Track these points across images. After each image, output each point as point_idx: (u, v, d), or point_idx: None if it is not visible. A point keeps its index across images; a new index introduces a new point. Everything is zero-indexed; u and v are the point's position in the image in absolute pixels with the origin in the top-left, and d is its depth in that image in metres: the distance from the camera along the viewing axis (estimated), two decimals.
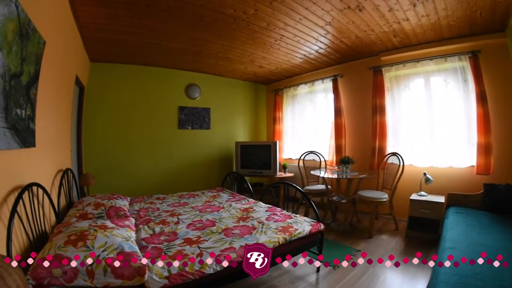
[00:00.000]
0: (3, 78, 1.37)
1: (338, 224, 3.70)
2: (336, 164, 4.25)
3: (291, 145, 5.55)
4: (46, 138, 2.11)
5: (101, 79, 4.16)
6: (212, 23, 2.96)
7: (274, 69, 4.82)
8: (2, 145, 1.36)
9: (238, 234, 2.06)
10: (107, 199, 2.58)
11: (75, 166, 3.57)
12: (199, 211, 2.74)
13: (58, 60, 2.31)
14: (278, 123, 5.67)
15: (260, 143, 4.98)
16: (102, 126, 4.18)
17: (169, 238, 2.02)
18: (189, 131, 5.06)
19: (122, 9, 2.62)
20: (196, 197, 3.44)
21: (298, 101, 5.36)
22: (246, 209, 2.79)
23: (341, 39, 3.46)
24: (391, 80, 3.92)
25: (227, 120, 5.56)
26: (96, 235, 1.61)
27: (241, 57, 4.16)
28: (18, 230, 1.47)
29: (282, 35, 3.30)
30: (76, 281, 1.31)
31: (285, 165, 5.01)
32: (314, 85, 4.93)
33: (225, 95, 5.51)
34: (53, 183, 2.27)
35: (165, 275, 1.49)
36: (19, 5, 1.40)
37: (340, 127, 4.38)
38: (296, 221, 2.36)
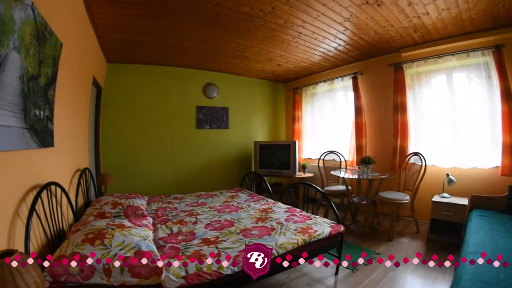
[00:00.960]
0: (21, 80, 1.44)
1: (358, 226, 3.68)
2: (357, 164, 4.25)
3: (311, 145, 5.53)
4: (64, 138, 2.21)
5: (118, 79, 4.31)
6: (228, 21, 3.00)
7: (293, 67, 4.84)
8: (21, 145, 1.44)
9: (256, 235, 2.07)
10: (125, 199, 2.66)
11: (93, 166, 3.71)
12: (217, 211, 2.78)
13: (75, 62, 2.41)
14: (297, 122, 5.66)
15: (279, 142, 5.00)
16: (120, 126, 4.33)
17: (186, 238, 2.06)
18: (207, 130, 5.13)
19: (137, 10, 2.70)
20: (214, 197, 3.49)
21: (318, 100, 5.35)
22: (265, 209, 2.80)
23: (360, 36, 3.44)
24: (412, 77, 3.87)
25: (246, 120, 5.60)
26: (113, 233, 1.66)
27: (259, 56, 4.20)
28: (36, 228, 1.54)
29: (300, 33, 3.32)
30: (93, 279, 1.36)
31: (304, 165, 5.00)
32: (334, 83, 4.92)
33: (243, 94, 5.55)
34: (71, 182, 2.38)
35: (182, 275, 1.51)
36: (35, 9, 1.46)
37: (360, 126, 4.35)
38: (315, 222, 2.35)
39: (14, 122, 1.37)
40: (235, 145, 5.44)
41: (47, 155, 1.81)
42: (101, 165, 4.05)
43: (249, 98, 5.65)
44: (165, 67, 4.69)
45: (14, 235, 1.28)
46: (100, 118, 3.96)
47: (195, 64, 4.67)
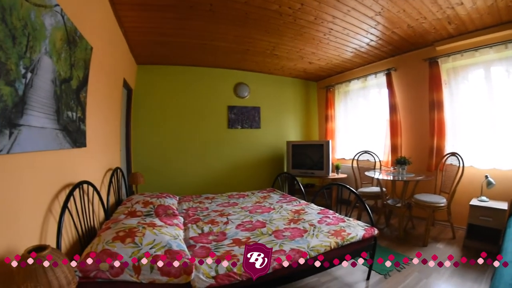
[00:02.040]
0: (53, 83, 1.55)
1: (392, 230, 3.63)
2: (392, 164, 4.20)
3: (344, 145, 5.47)
4: (96, 138, 2.35)
5: (148, 81, 4.50)
6: (257, 20, 3.05)
7: (324, 64, 4.83)
8: (54, 145, 1.55)
9: (288, 237, 2.06)
10: (156, 198, 2.76)
11: (124, 165, 3.92)
12: (249, 212, 2.81)
13: (105, 64, 2.56)
14: (330, 121, 5.62)
15: (312, 142, 5.00)
16: (150, 127, 4.52)
17: (217, 238, 2.10)
18: (239, 130, 5.21)
19: (165, 12, 2.81)
20: (246, 197, 3.53)
21: (351, 98, 5.28)
22: (297, 211, 2.79)
23: (393, 30, 3.39)
24: (448, 72, 3.74)
25: (278, 119, 5.61)
26: (144, 232, 1.72)
27: (290, 54, 4.23)
28: (68, 225, 1.65)
29: (331, 29, 3.32)
30: (122, 275, 1.42)
31: (338, 166, 4.95)
32: (367, 80, 4.84)
33: (274, 93, 5.57)
34: (102, 181, 2.52)
35: (212, 275, 1.53)
36: (65, 15, 1.57)
37: (395, 125, 4.28)
38: (349, 225, 2.32)
39: (48, 124, 1.48)
40: (267, 145, 5.47)
41: (80, 154, 1.93)
42: (132, 164, 4.26)
43: (281, 97, 5.66)
44: (195, 68, 4.82)
45: (46, 231, 1.38)
46: (131, 119, 4.17)
47: (226, 63, 4.76)
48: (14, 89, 1.12)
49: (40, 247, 1.05)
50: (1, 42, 1.00)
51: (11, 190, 1.13)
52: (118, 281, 1.41)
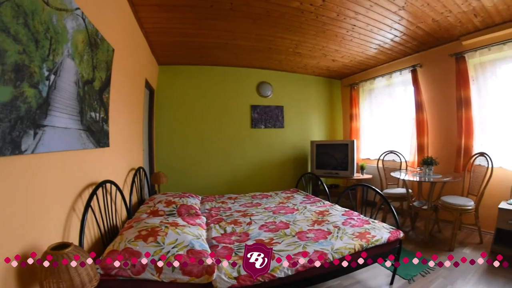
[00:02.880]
0: (77, 85, 1.62)
1: (417, 233, 3.57)
2: (418, 165, 4.13)
3: (369, 144, 5.40)
4: (119, 138, 2.44)
5: (170, 81, 4.62)
6: (279, 18, 3.08)
7: (348, 62, 4.82)
8: (78, 145, 1.62)
9: (312, 238, 2.06)
10: (179, 197, 2.83)
11: (146, 165, 4.05)
12: (272, 212, 2.81)
13: (127, 66, 2.65)
14: (355, 120, 5.57)
15: (336, 142, 4.99)
16: (173, 127, 4.63)
17: (240, 238, 2.12)
18: (262, 130, 5.23)
19: (185, 12, 2.88)
20: (269, 197, 3.54)
21: (376, 96, 5.22)
22: (321, 212, 2.77)
23: (417, 25, 3.34)
24: (476, 68, 3.63)
25: (301, 118, 5.60)
26: (167, 231, 1.76)
27: (313, 51, 4.24)
28: (91, 223, 1.72)
29: (354, 25, 3.32)
30: (143, 274, 1.46)
31: (363, 166, 4.90)
32: (392, 77, 4.79)
33: (298, 92, 5.56)
34: (125, 180, 2.61)
35: (234, 276, 1.54)
36: (86, 18, 1.63)
37: (422, 124, 4.22)
38: (374, 227, 2.29)
39: (71, 124, 1.55)
40: (291, 145, 5.46)
41: (103, 154, 2.01)
42: (155, 164, 4.39)
43: (304, 95, 5.64)
44: (217, 67, 4.90)
45: (69, 229, 1.45)
46: (153, 119, 4.31)
47: (248, 62, 4.81)
48: (37, 91, 1.18)
49: (63, 244, 1.10)
50: (24, 46, 1.06)
51: (36, 189, 1.19)
52: (139, 279, 1.44)
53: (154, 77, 4.24)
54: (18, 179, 1.08)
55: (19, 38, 1.01)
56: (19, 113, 1.05)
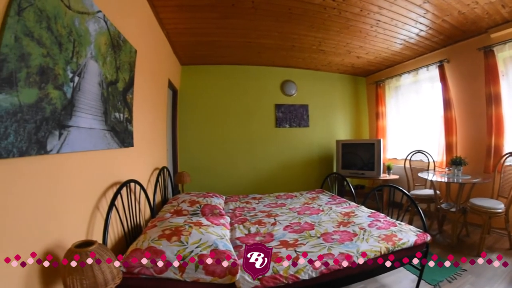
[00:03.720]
0: (100, 86, 1.69)
1: (444, 237, 3.48)
2: (446, 165, 4.04)
3: (396, 143, 5.29)
4: (143, 138, 2.52)
5: (193, 81, 4.73)
6: (301, 15, 3.09)
7: (373, 58, 4.77)
8: (103, 145, 1.69)
9: (337, 240, 2.04)
10: (202, 197, 2.87)
11: (170, 165, 4.15)
12: (297, 213, 2.80)
13: (150, 66, 2.73)
14: (381, 118, 5.46)
15: (362, 141, 5.00)
16: (196, 127, 4.73)
17: (264, 239, 2.12)
18: (286, 129, 5.24)
19: (206, 12, 2.94)
20: (294, 198, 3.53)
21: (402, 93, 5.13)
22: (347, 213, 2.74)
23: (443, 18, 3.25)
24: (505, 62, 3.51)
25: (327, 117, 5.56)
26: (191, 231, 1.79)
27: (337, 48, 4.24)
28: (114, 222, 1.78)
29: (378, 20, 3.29)
30: (166, 273, 1.48)
31: (389, 166, 4.82)
32: (418, 73, 4.70)
33: (323, 90, 5.53)
34: (149, 180, 2.69)
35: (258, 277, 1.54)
36: (108, 20, 1.70)
37: (450, 122, 4.10)
38: (400, 229, 2.23)
39: (96, 124, 1.62)
40: (316, 144, 5.44)
41: (127, 154, 2.08)
42: (179, 164, 4.50)
43: (329, 94, 5.60)
44: (240, 66, 4.96)
45: (93, 227, 1.51)
46: (177, 119, 4.42)
47: (271, 61, 4.84)
48: (62, 92, 1.24)
49: (87, 242, 1.14)
50: (48, 49, 1.11)
51: (61, 188, 1.25)
52: (162, 278, 1.47)
53: (177, 77, 4.34)
54: (44, 179, 1.13)
55: (43, 41, 1.06)
56: (44, 114, 1.10)
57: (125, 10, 2.04)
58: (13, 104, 0.91)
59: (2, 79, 0.86)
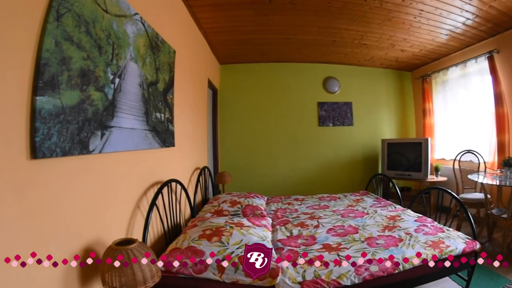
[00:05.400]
0: (141, 87, 1.77)
1: (494, 245, 3.29)
2: (498, 166, 3.82)
3: (444, 143, 5.02)
4: (184, 138, 2.60)
5: (233, 80, 4.81)
6: (341, 8, 3.05)
7: (418, 51, 4.62)
8: (144, 145, 1.77)
9: (382, 245, 1.96)
10: (244, 197, 2.89)
11: (211, 165, 4.25)
12: (341, 216, 2.74)
13: (189, 66, 2.82)
14: (428, 116, 5.19)
15: (409, 140, 4.93)
16: (237, 126, 4.81)
17: (307, 242, 2.09)
18: (330, 128, 5.16)
19: (242, 9, 2.98)
20: (337, 200, 3.48)
21: (450, 88, 4.89)
22: (392, 217, 2.64)
23: (490, 4, 3.06)
24: None
25: (371, 115, 5.40)
26: (232, 232, 1.81)
27: (379, 42, 4.17)
28: (154, 220, 1.84)
29: (421, 10, 3.18)
30: (205, 273, 1.50)
31: (437, 167, 4.61)
32: (466, 66, 4.47)
33: (366, 87, 5.38)
34: (190, 179, 2.77)
35: (299, 280, 1.52)
36: (145, 22, 1.77)
37: (502, 119, 3.86)
38: (448, 236, 2.11)
39: (137, 125, 1.69)
40: (360, 143, 5.30)
41: (169, 154, 2.17)
42: (219, 164, 4.59)
43: (373, 90, 5.42)
44: (280, 64, 4.95)
45: (133, 225, 1.57)
46: (217, 119, 4.52)
47: (312, 57, 4.80)
48: (103, 94, 1.31)
49: (127, 240, 1.19)
50: (88, 52, 1.18)
51: (103, 187, 1.32)
52: (200, 278, 1.49)
53: (216, 77, 4.44)
54: (86, 178, 1.20)
55: (82, 45, 1.13)
56: (86, 115, 1.17)
57: (162, 11, 2.12)
58: (56, 106, 0.98)
59: (44, 82, 0.92)
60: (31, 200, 0.90)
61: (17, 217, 0.84)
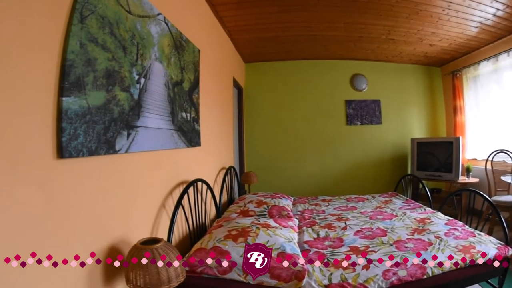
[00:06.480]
0: (166, 87, 1.79)
1: None
2: None
3: (476, 142, 4.86)
4: (210, 137, 2.63)
5: (258, 78, 4.83)
6: (367, 2, 3.03)
7: (447, 46, 4.50)
8: (170, 144, 1.79)
9: (411, 249, 1.90)
10: (270, 198, 2.87)
11: (237, 164, 4.27)
12: (369, 218, 2.69)
13: (214, 65, 2.84)
14: (459, 113, 5.01)
15: (439, 139, 4.85)
16: (263, 125, 4.82)
17: (334, 244, 2.06)
18: (358, 127, 5.07)
19: (266, 6, 2.98)
20: (365, 201, 3.42)
21: (481, 84, 4.71)
22: (422, 219, 2.56)
23: None
24: None
25: (400, 113, 5.27)
26: (258, 232, 1.79)
27: (407, 37, 4.10)
28: (180, 220, 1.86)
29: (450, 2, 3.10)
30: (230, 274, 1.49)
31: (469, 168, 4.47)
32: (498, 60, 4.29)
33: (394, 83, 5.26)
34: (215, 179, 2.79)
35: (325, 283, 1.50)
36: (168, 22, 1.79)
37: None
38: (479, 240, 2.02)
39: (163, 124, 1.72)
40: (389, 143, 5.16)
41: (195, 154, 2.19)
42: (245, 163, 4.61)
43: (402, 87, 5.28)
44: (306, 61, 4.91)
45: (158, 225, 1.60)
46: (243, 118, 4.54)
47: (339, 54, 4.75)
48: (129, 94, 1.34)
49: (152, 239, 1.21)
50: (113, 53, 1.20)
51: (128, 186, 1.35)
52: (224, 279, 1.49)
53: (241, 76, 4.47)
54: (112, 177, 1.23)
55: (107, 46, 1.15)
56: (112, 115, 1.19)
57: (185, 11, 2.14)
58: (82, 107, 1.00)
59: (70, 83, 0.95)
60: (58, 199, 0.93)
61: (44, 216, 0.87)
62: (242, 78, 4.57)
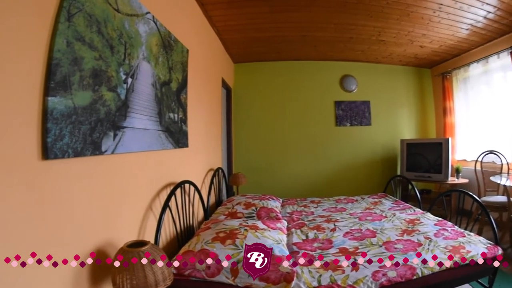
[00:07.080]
0: (154, 87, 1.78)
1: None
2: None
3: (466, 143, 4.96)
4: (198, 138, 2.61)
5: (247, 79, 4.82)
6: (358, 3, 3.05)
7: (438, 47, 4.57)
8: (157, 145, 1.78)
9: (401, 250, 1.94)
10: (259, 199, 2.88)
11: (225, 166, 4.26)
12: (358, 219, 2.72)
13: (203, 66, 2.83)
14: (449, 115, 5.12)
15: (429, 140, 4.92)
16: (252, 126, 4.81)
17: (323, 245, 2.07)
18: (347, 128, 5.11)
19: (257, 6, 2.98)
20: (355, 202, 3.46)
21: (471, 85, 4.83)
22: (411, 220, 2.60)
23: None
24: None
25: (390, 114, 5.33)
26: (246, 234, 1.80)
27: (398, 38, 4.15)
28: (167, 223, 1.85)
29: (441, 4, 3.15)
30: (218, 277, 1.50)
31: (458, 169, 4.53)
32: (488, 62, 4.40)
33: (385, 85, 5.32)
34: (203, 181, 2.78)
35: (314, 285, 1.51)
36: (157, 21, 1.78)
37: None
38: (469, 240, 2.07)
39: (150, 125, 1.71)
40: (378, 144, 5.22)
41: (182, 155, 2.18)
42: (234, 165, 4.60)
43: (392, 88, 5.35)
44: (296, 62, 4.94)
45: (145, 227, 1.58)
46: (231, 119, 4.53)
47: (329, 55, 4.78)
48: (116, 94, 1.32)
49: (139, 242, 1.20)
50: (100, 52, 1.19)
51: (115, 188, 1.34)
52: (213, 281, 1.49)
53: (230, 76, 4.46)
54: (98, 178, 1.21)
55: (94, 45, 1.14)
56: (99, 116, 1.18)
57: (174, 10, 2.13)
58: (68, 107, 0.99)
59: (56, 83, 0.93)
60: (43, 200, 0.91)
61: (28, 218, 0.85)
62: (231, 79, 4.57)
